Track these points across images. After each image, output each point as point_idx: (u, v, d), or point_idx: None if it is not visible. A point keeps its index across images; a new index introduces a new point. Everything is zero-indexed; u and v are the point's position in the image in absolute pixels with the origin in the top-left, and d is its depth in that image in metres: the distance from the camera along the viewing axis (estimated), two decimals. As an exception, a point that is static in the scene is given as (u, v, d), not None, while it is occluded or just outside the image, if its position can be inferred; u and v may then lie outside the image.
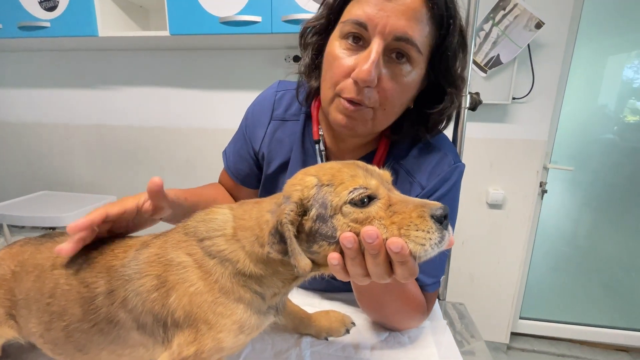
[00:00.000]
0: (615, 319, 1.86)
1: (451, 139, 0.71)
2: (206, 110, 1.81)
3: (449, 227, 0.33)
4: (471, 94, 0.71)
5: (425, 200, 0.33)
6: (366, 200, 0.33)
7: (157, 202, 0.47)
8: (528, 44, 1.40)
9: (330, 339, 0.58)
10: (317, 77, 0.56)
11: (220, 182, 0.76)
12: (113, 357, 0.44)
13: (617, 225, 1.81)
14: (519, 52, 1.40)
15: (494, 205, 1.65)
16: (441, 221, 0.32)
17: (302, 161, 0.61)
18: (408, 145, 0.59)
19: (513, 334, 1.87)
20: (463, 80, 0.52)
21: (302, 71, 0.58)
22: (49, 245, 0.48)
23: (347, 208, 0.33)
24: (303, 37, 0.56)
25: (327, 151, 0.61)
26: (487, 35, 1.39)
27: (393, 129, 0.57)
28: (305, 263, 0.34)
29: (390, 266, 0.33)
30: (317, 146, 0.59)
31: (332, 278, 0.66)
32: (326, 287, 0.71)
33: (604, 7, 1.52)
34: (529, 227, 1.66)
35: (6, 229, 1.60)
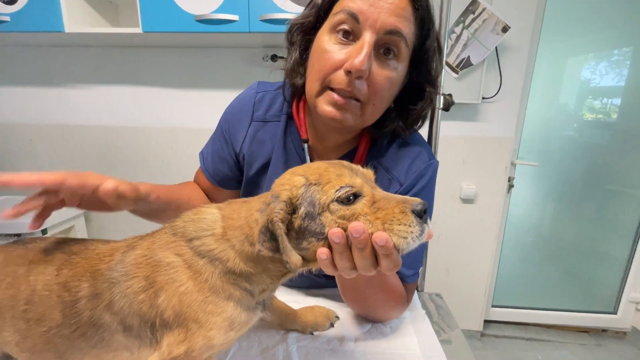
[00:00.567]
0: (576, 303, 2.01)
1: (426, 138, 0.74)
2: (181, 110, 1.77)
3: (428, 221, 0.35)
4: (444, 95, 0.75)
5: (406, 197, 0.36)
6: (352, 198, 0.35)
7: (113, 202, 0.47)
8: (496, 47, 1.48)
9: (316, 333, 0.60)
10: (302, 75, 0.56)
11: (195, 182, 0.75)
12: None
13: (576, 216, 1.95)
14: (488, 54, 1.47)
15: (466, 200, 1.73)
16: (421, 215, 0.34)
17: (284, 162, 0.62)
18: (387, 143, 0.62)
19: (486, 321, 1.97)
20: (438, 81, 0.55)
21: (287, 68, 0.58)
22: (20, 252, 0.46)
23: (335, 205, 0.35)
24: (290, 34, 0.57)
25: (310, 150, 0.62)
26: (458, 37, 1.46)
27: (375, 125, 0.59)
28: (297, 259, 0.35)
29: (375, 259, 0.35)
30: (306, 145, 0.60)
31: (317, 275, 0.68)
32: (310, 284, 0.72)
33: (563, 12, 1.63)
34: (499, 220, 1.76)
35: (-36, 238, 1.49)
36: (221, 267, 0.40)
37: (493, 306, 2.01)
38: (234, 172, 0.68)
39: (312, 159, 0.62)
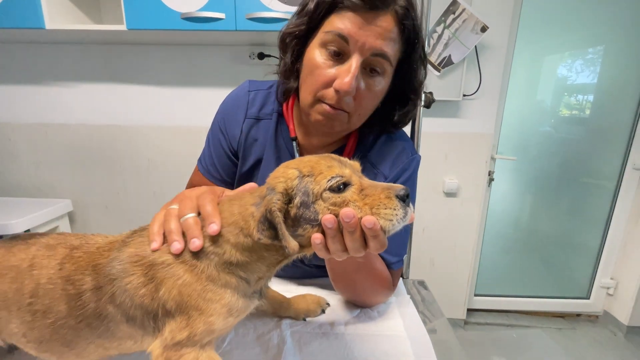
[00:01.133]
0: (552, 290, 2.12)
1: (409, 134, 0.78)
2: (167, 108, 1.75)
3: (410, 205, 0.39)
4: (425, 93, 0.79)
5: (390, 184, 0.39)
6: (342, 187, 0.39)
7: None
8: (475, 46, 1.54)
9: (308, 319, 0.63)
10: (296, 79, 0.60)
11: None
12: (100, 351, 0.45)
13: (552, 208, 2.06)
14: (468, 53, 1.53)
15: (449, 194, 1.79)
16: (404, 200, 0.38)
17: (275, 158, 0.65)
18: (372, 140, 0.66)
19: (469, 310, 2.05)
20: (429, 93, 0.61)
21: (281, 72, 0.62)
22: (21, 247, 0.48)
23: (327, 194, 0.39)
24: (283, 41, 0.59)
25: (299, 147, 0.65)
26: (440, 37, 1.51)
27: (364, 127, 0.63)
28: (294, 244, 0.39)
29: (364, 240, 0.38)
30: (295, 143, 0.64)
31: (308, 265, 0.71)
32: (302, 275, 0.75)
33: (539, 13, 1.71)
34: (480, 212, 1.84)
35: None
36: (217, 259, 0.42)
37: (476, 295, 2.09)
38: (233, 165, 0.70)
39: (301, 155, 0.65)
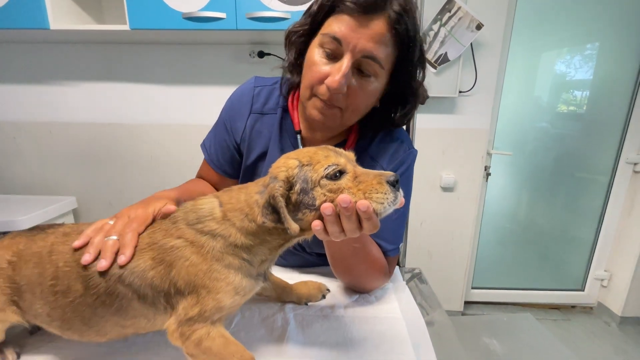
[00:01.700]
0: (548, 282, 2.17)
1: (405, 129, 0.82)
2: (169, 106, 1.79)
3: (400, 190, 0.43)
4: (420, 89, 0.82)
5: (381, 171, 0.43)
6: (338, 174, 0.43)
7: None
8: (471, 43, 1.57)
9: (310, 303, 0.67)
10: (299, 74, 0.64)
11: (201, 176, 0.80)
12: (117, 329, 0.49)
13: (548, 202, 2.10)
14: (464, 51, 1.57)
15: (446, 189, 1.83)
16: (394, 185, 0.42)
17: (280, 150, 0.69)
18: (371, 135, 0.69)
19: (466, 302, 2.10)
20: (423, 89, 0.63)
21: (286, 67, 0.66)
22: (41, 236, 0.51)
23: (324, 181, 0.43)
24: (288, 38, 0.64)
25: (303, 140, 0.69)
26: (436, 35, 1.54)
27: (365, 124, 0.67)
28: (295, 226, 0.43)
29: (359, 222, 0.42)
30: (299, 135, 0.68)
31: (309, 253, 0.75)
32: (303, 263, 0.79)
33: (534, 11, 1.74)
34: (477, 206, 1.88)
35: (-48, 237, 1.49)
36: (222, 242, 0.46)
37: (473, 288, 2.14)
38: (236, 159, 0.74)
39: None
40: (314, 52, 0.58)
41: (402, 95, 0.63)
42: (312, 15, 0.58)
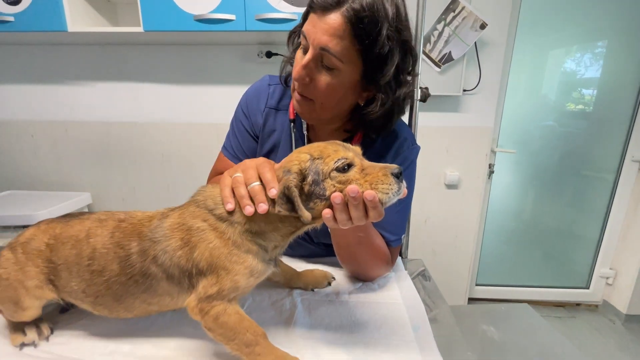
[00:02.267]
0: (552, 280, 2.18)
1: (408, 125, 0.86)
2: (180, 105, 1.84)
3: (404, 181, 0.47)
4: (421, 88, 0.86)
5: (386, 164, 0.47)
6: (346, 167, 0.47)
7: None
8: (475, 42, 1.60)
9: (316, 290, 0.71)
10: None
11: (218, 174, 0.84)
12: (144, 306, 0.54)
13: (553, 200, 2.10)
14: (468, 50, 1.59)
15: (450, 186, 1.86)
16: (398, 176, 0.46)
17: (290, 145, 0.73)
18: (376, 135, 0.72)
19: (470, 299, 2.12)
20: (401, 84, 0.63)
21: (285, 61, 0.72)
22: (76, 222, 0.57)
23: (334, 173, 0.47)
24: (289, 37, 0.69)
25: (309, 134, 0.74)
26: (440, 34, 1.57)
27: (365, 126, 0.68)
28: (307, 214, 0.47)
29: (366, 211, 0.46)
30: (293, 124, 0.73)
31: (316, 243, 0.79)
32: (311, 254, 0.84)
33: (541, 8, 1.75)
34: (481, 204, 1.90)
35: (-24, 230, 1.56)
36: (239, 228, 0.50)
37: (477, 285, 2.16)
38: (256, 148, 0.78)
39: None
40: (298, 50, 0.63)
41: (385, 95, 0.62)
42: (302, 16, 0.64)
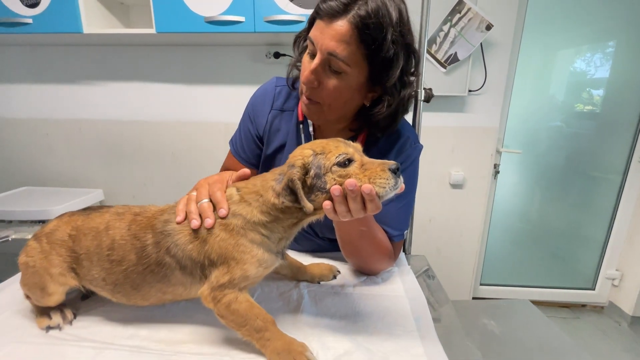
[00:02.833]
0: (558, 280, 2.17)
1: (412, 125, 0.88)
2: (190, 104, 1.89)
3: (401, 177, 0.49)
4: (425, 89, 0.88)
5: (385, 160, 0.50)
6: (347, 162, 0.50)
7: None
8: (481, 43, 1.61)
9: (322, 283, 0.74)
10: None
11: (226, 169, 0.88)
12: (159, 295, 0.57)
13: (559, 200, 2.09)
14: (473, 51, 1.60)
15: (455, 186, 1.87)
16: (395, 172, 0.48)
17: (296, 144, 0.76)
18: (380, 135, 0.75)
19: (474, 298, 2.13)
20: (405, 85, 0.66)
21: (292, 64, 0.75)
22: (96, 215, 0.61)
23: (335, 168, 0.50)
24: (295, 41, 0.73)
25: (315, 134, 0.77)
26: (446, 35, 1.59)
27: (370, 125, 0.71)
28: (309, 205, 0.50)
29: (364, 204, 0.49)
30: (302, 126, 0.76)
31: (322, 238, 0.82)
32: (316, 248, 0.87)
33: (548, 8, 1.75)
34: (486, 203, 1.91)
35: (-6, 224, 1.63)
36: (242, 219, 0.54)
37: (481, 284, 2.17)
38: (259, 149, 0.82)
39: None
40: (305, 54, 0.66)
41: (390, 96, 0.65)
42: (308, 22, 0.66)
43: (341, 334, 0.58)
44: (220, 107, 1.88)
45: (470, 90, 1.70)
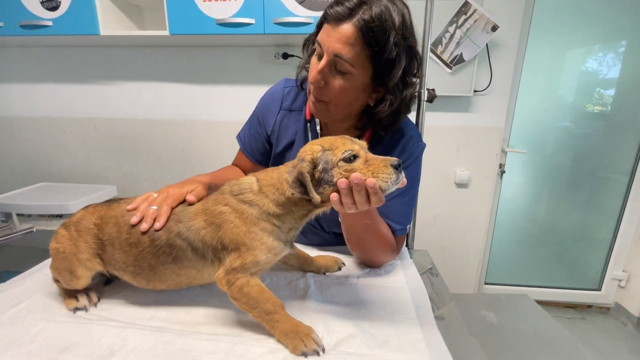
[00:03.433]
0: (563, 281, 2.17)
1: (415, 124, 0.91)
2: (201, 103, 1.95)
3: (402, 172, 0.53)
4: (428, 89, 0.91)
5: (387, 157, 0.54)
6: (352, 158, 0.54)
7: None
8: (486, 44, 1.63)
9: (327, 274, 0.78)
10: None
11: (236, 164, 0.94)
12: (174, 276, 0.62)
13: (566, 201, 2.09)
14: (479, 51, 1.62)
15: (460, 185, 1.89)
16: (397, 167, 0.52)
17: (304, 141, 0.80)
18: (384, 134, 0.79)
19: (479, 297, 2.14)
20: (408, 86, 0.70)
21: (301, 66, 0.79)
22: (116, 205, 0.66)
23: (341, 163, 0.54)
24: (305, 45, 0.77)
25: (322, 132, 0.81)
26: (452, 36, 1.61)
27: (374, 124, 0.75)
28: (318, 197, 0.54)
29: (368, 197, 0.52)
30: (310, 124, 0.80)
31: (328, 232, 0.86)
32: (322, 242, 0.91)
33: (555, 10, 1.75)
34: (491, 202, 1.92)
35: (15, 217, 1.70)
36: (258, 210, 0.58)
37: (486, 283, 2.18)
38: (266, 149, 0.87)
39: None
40: (313, 56, 0.70)
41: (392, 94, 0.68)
42: (316, 26, 0.70)
43: (345, 320, 0.62)
44: (230, 106, 1.93)
45: (475, 91, 1.72)
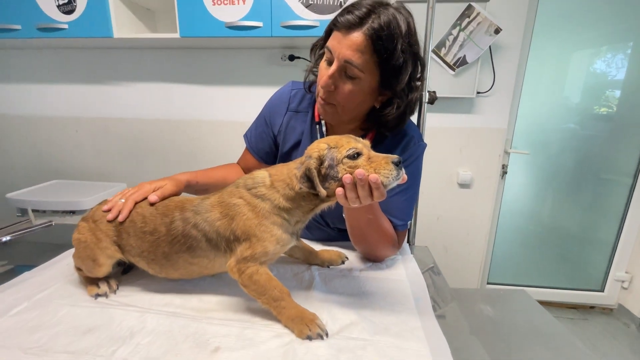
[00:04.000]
0: (566, 282, 2.18)
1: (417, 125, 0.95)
2: (209, 104, 2.00)
3: (403, 169, 0.57)
4: (429, 92, 0.95)
5: (389, 155, 0.58)
6: (356, 155, 0.58)
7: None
8: (489, 47, 1.66)
9: (331, 267, 0.82)
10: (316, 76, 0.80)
11: (241, 162, 0.98)
12: (186, 265, 0.66)
13: (569, 202, 2.10)
14: (482, 54, 1.65)
15: (463, 185, 1.92)
16: (398, 164, 0.56)
17: (311, 141, 0.84)
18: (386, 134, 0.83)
19: (481, 296, 2.16)
20: (413, 89, 0.74)
21: (309, 70, 0.83)
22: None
23: (346, 160, 0.58)
24: (312, 49, 0.81)
25: (328, 132, 0.85)
26: (455, 39, 1.64)
27: (380, 125, 0.79)
28: (324, 192, 0.58)
29: (370, 192, 0.56)
30: (318, 126, 0.84)
31: (332, 228, 0.90)
32: (327, 237, 0.94)
33: (559, 12, 1.77)
34: (493, 203, 1.95)
35: (31, 213, 1.77)
36: (270, 204, 0.62)
37: (488, 283, 2.20)
38: (272, 149, 0.92)
39: None
40: (322, 61, 0.74)
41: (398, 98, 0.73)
42: (325, 32, 0.74)
43: (348, 308, 0.65)
44: (238, 107, 1.98)
45: (478, 92, 1.74)
